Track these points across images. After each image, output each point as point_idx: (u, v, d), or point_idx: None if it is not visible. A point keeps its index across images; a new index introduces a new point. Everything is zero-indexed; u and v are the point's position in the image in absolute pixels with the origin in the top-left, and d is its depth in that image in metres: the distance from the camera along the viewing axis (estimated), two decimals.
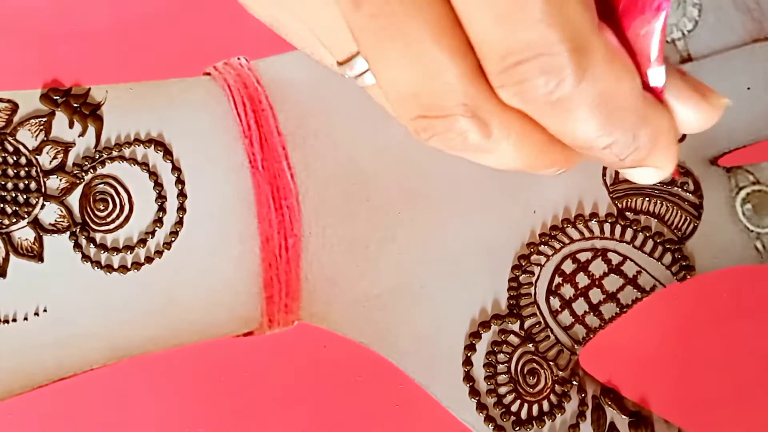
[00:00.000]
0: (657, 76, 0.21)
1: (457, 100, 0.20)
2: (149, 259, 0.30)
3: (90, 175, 0.31)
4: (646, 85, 0.21)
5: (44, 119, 0.32)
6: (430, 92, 0.19)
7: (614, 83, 0.19)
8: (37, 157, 0.31)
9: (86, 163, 0.31)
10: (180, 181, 0.31)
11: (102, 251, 0.30)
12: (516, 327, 0.29)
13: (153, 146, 0.32)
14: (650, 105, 0.21)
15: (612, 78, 0.19)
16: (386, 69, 0.19)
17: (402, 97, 0.20)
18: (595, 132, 0.20)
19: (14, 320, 0.30)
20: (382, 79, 0.20)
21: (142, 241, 0.31)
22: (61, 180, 0.31)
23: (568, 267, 0.30)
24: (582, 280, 0.30)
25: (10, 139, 0.31)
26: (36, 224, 0.31)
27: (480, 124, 0.20)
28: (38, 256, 0.30)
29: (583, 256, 0.30)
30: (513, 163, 0.22)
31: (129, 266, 0.30)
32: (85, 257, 0.30)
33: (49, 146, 0.31)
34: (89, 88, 0.32)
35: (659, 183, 0.31)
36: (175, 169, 0.31)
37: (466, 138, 0.21)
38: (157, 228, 0.31)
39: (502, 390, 0.29)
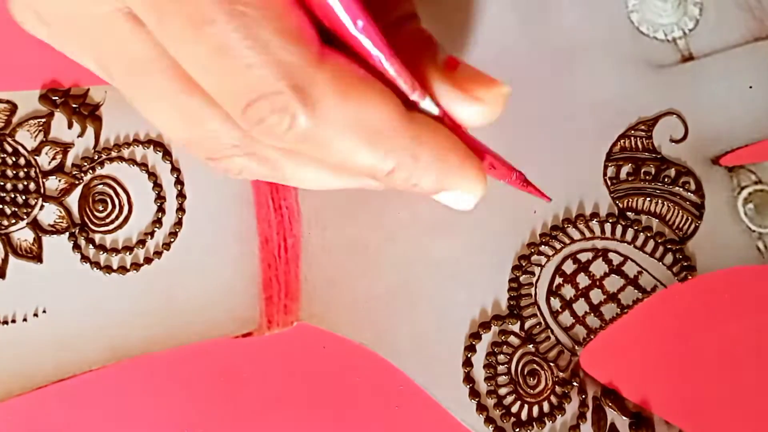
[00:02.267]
0: (419, 102, 0.21)
1: (227, 142, 0.20)
2: (148, 260, 0.30)
3: (89, 176, 0.31)
4: (415, 105, 0.21)
5: (43, 120, 0.32)
6: (201, 139, 0.20)
7: (356, 110, 0.19)
8: (36, 157, 0.31)
9: (85, 163, 0.31)
10: (179, 182, 0.31)
11: (101, 252, 0.30)
12: (516, 328, 0.29)
13: (152, 147, 0.31)
14: (421, 124, 0.21)
15: (351, 106, 0.19)
16: (158, 123, 0.20)
17: (184, 144, 0.21)
18: (366, 158, 0.20)
19: (14, 321, 0.30)
20: (161, 130, 0.21)
21: (141, 242, 0.31)
22: (60, 181, 0.31)
23: (569, 267, 0.30)
24: (583, 280, 0.30)
25: (9, 139, 0.31)
26: (35, 225, 0.31)
27: (259, 159, 0.21)
28: (37, 257, 0.30)
29: (583, 257, 0.30)
30: (316, 184, 0.22)
31: (128, 267, 0.30)
32: (84, 258, 0.30)
33: (48, 147, 0.31)
34: (88, 89, 0.32)
35: (660, 182, 0.30)
36: (174, 169, 0.31)
37: (252, 171, 0.21)
38: (156, 229, 0.31)
39: (503, 391, 0.29)
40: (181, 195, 0.31)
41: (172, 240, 0.30)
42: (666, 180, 0.31)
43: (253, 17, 0.18)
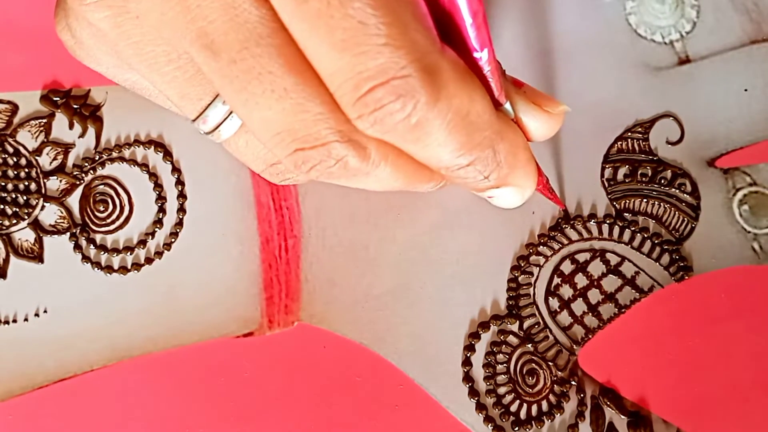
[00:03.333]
0: (502, 103, 0.22)
1: (330, 127, 0.20)
2: (149, 260, 0.30)
3: (90, 176, 0.31)
4: (497, 104, 0.22)
5: (44, 120, 0.32)
6: (303, 125, 0.20)
7: (467, 101, 0.20)
8: (37, 158, 0.31)
9: (86, 164, 0.31)
10: (180, 182, 0.31)
11: (102, 252, 0.30)
12: (515, 327, 0.29)
13: (153, 147, 0.32)
14: (503, 120, 0.22)
15: (465, 95, 0.19)
16: (256, 110, 0.20)
17: (276, 135, 0.20)
18: (457, 151, 0.21)
19: (14, 321, 0.30)
20: (254, 121, 0.20)
21: (142, 242, 0.31)
22: (61, 181, 0.31)
23: (567, 268, 0.30)
24: (581, 280, 0.30)
25: (10, 140, 0.31)
26: (36, 225, 0.31)
27: (357, 148, 0.21)
28: (38, 257, 0.30)
29: (581, 257, 0.30)
30: (393, 183, 0.23)
31: (129, 267, 0.30)
32: (85, 258, 0.30)
33: (49, 147, 0.31)
34: (89, 90, 0.32)
35: (657, 184, 0.31)
36: (175, 170, 0.31)
37: (345, 163, 0.21)
38: (157, 229, 0.31)
39: (502, 390, 0.29)
40: (181, 195, 0.31)
41: (173, 240, 0.31)
42: (662, 181, 0.31)
43: None
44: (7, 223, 0.31)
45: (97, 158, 0.31)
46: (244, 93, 0.19)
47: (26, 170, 0.31)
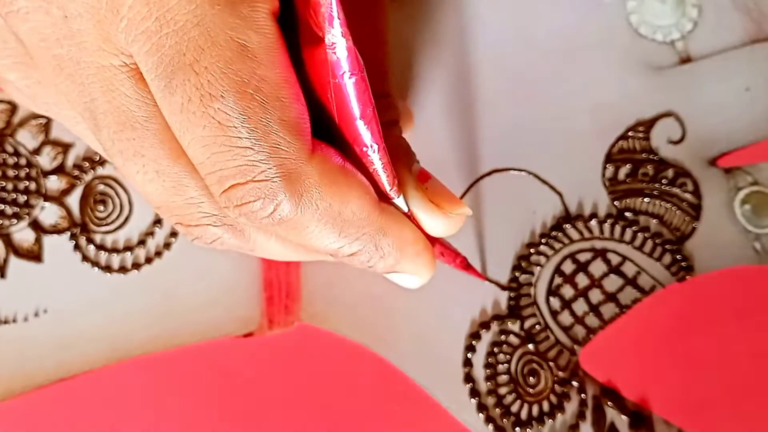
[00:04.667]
0: (393, 197, 0.22)
1: (203, 212, 0.21)
2: (149, 260, 0.30)
3: (90, 176, 0.31)
4: (388, 198, 0.22)
5: (44, 120, 0.32)
6: (177, 206, 0.21)
7: (338, 202, 0.20)
8: (36, 157, 0.31)
9: (86, 163, 0.31)
10: None
11: (102, 252, 0.30)
12: (516, 327, 0.29)
13: None
14: (389, 217, 0.22)
15: (335, 198, 0.20)
16: (135, 184, 0.21)
17: (158, 208, 0.21)
18: (334, 244, 0.21)
19: (14, 321, 0.30)
20: (138, 191, 0.21)
21: (142, 242, 0.31)
22: (60, 181, 0.31)
23: (568, 267, 0.30)
24: (582, 280, 0.30)
25: (10, 140, 0.31)
26: (36, 225, 0.31)
27: (233, 231, 0.22)
28: (38, 257, 0.30)
29: (582, 257, 0.30)
30: (288, 256, 0.23)
31: (129, 267, 0.30)
32: (85, 258, 0.30)
33: (49, 147, 0.31)
34: None
35: (658, 183, 0.31)
36: None
37: (223, 242, 0.22)
38: (156, 228, 0.31)
39: (503, 390, 0.29)
40: None
41: (173, 240, 0.31)
42: (664, 181, 0.31)
43: (260, 103, 0.18)
44: (6, 222, 0.31)
45: (96, 158, 0.31)
46: (124, 168, 0.20)
47: (26, 170, 0.31)
